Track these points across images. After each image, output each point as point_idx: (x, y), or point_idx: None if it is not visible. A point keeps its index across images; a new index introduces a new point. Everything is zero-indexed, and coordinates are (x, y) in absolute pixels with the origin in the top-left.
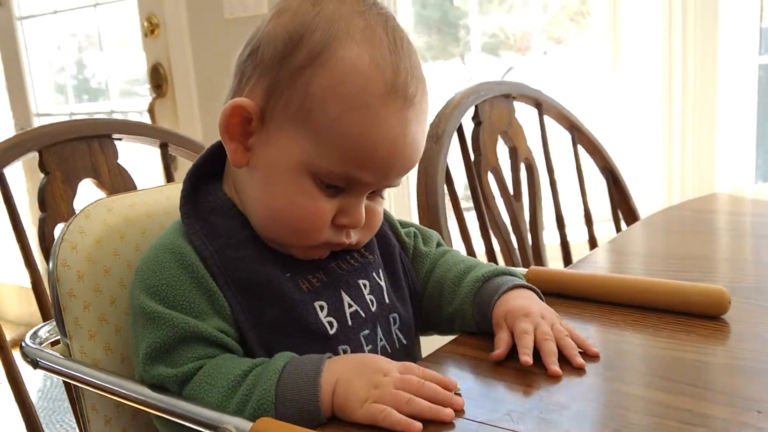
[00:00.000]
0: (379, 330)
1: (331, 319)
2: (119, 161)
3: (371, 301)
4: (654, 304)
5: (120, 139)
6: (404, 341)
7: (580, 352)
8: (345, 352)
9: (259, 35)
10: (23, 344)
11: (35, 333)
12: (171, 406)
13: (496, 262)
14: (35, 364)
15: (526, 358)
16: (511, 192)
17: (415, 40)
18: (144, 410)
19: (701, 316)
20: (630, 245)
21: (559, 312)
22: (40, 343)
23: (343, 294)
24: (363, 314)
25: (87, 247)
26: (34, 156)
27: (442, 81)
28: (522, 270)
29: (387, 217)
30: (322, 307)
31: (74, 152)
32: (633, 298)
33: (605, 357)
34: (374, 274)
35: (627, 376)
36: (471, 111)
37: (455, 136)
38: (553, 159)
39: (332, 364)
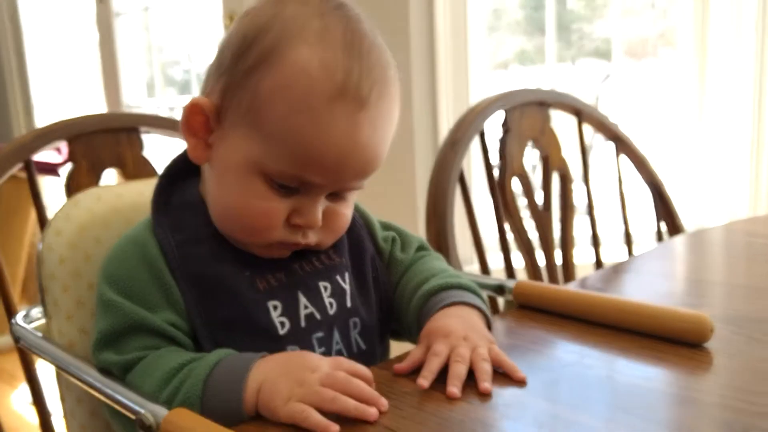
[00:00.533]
0: (336, 333)
1: (283, 319)
2: (144, 153)
3: (330, 304)
4: (632, 326)
5: (147, 132)
6: (363, 346)
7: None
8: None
9: (225, 37)
10: (12, 321)
11: (28, 312)
12: (105, 388)
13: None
14: (17, 341)
15: (422, 381)
16: (540, 204)
17: (525, 43)
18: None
19: (682, 343)
20: (645, 265)
21: (538, 327)
22: (30, 322)
23: (300, 295)
24: (318, 317)
25: (70, 233)
26: None
27: (555, 84)
28: (512, 282)
29: (366, 220)
30: (275, 307)
31: (101, 143)
32: (610, 318)
33: (559, 378)
34: (338, 277)
35: (574, 402)
36: (500, 119)
37: (478, 144)
38: (594, 172)
39: (262, 362)
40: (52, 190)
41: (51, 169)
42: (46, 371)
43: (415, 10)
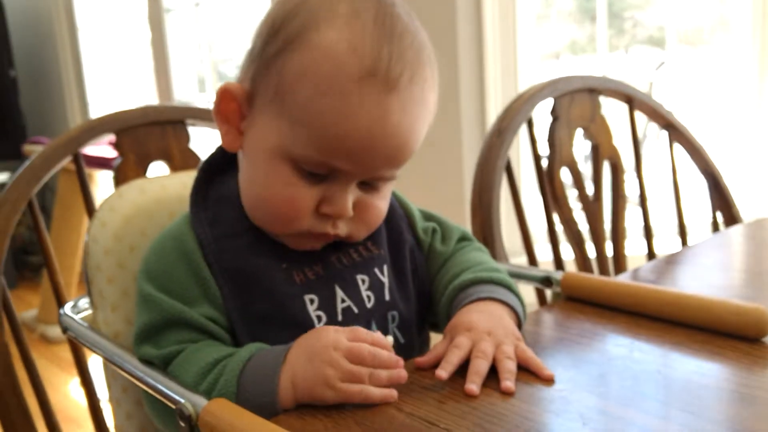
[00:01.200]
0: (373, 327)
1: (320, 313)
2: (190, 146)
3: (368, 297)
4: (684, 320)
5: (193, 125)
6: (402, 340)
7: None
8: None
9: (258, 24)
10: (61, 312)
11: (76, 303)
12: (146, 378)
13: (563, 270)
14: (64, 331)
15: (440, 372)
16: (591, 194)
17: (576, 32)
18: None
19: (738, 337)
20: (700, 256)
21: (586, 319)
22: (78, 313)
23: (338, 289)
24: (356, 310)
25: (115, 224)
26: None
27: (608, 73)
28: (560, 274)
29: (406, 210)
30: (312, 301)
31: (148, 136)
32: (661, 310)
33: (606, 372)
34: (376, 269)
35: (622, 396)
36: (548, 107)
37: (526, 133)
38: (646, 161)
39: (289, 355)
40: (107, 183)
41: (104, 163)
42: (96, 360)
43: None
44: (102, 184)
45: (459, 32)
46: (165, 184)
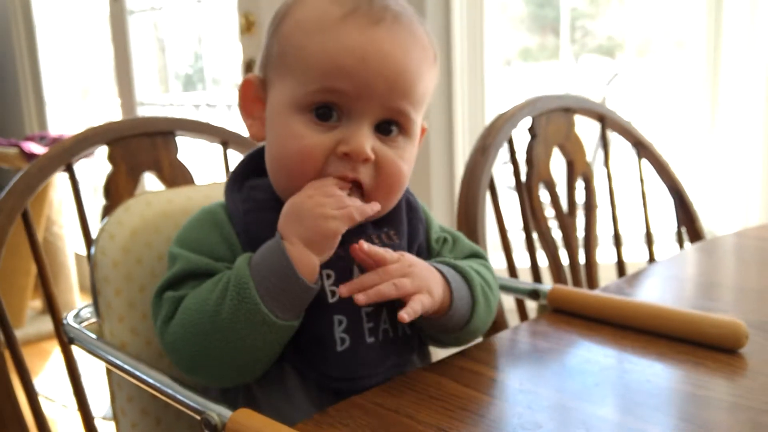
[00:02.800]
0: (384, 312)
1: (334, 288)
2: (179, 157)
3: None
4: (667, 332)
5: (182, 136)
6: (408, 331)
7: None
8: (341, 322)
9: None
10: (64, 322)
11: (78, 313)
12: (166, 389)
13: (540, 279)
14: (71, 341)
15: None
16: (565, 207)
17: (527, 40)
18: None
19: (717, 348)
20: (671, 269)
21: (574, 331)
22: (81, 322)
23: (356, 269)
24: None
25: (123, 237)
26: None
27: (552, 82)
28: (547, 287)
29: (427, 217)
30: (329, 276)
31: (139, 147)
32: (645, 324)
33: (600, 381)
34: None
35: (618, 404)
36: (526, 125)
37: (507, 150)
38: (617, 177)
39: (283, 231)
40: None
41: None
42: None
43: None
44: (60, 184)
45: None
46: (170, 198)
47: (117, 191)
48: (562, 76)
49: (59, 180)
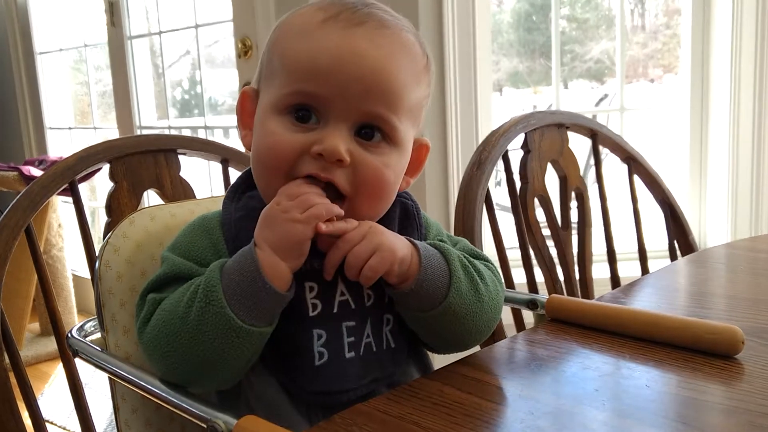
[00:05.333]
0: (368, 326)
1: (316, 301)
2: (181, 174)
3: (368, 295)
4: (664, 339)
5: (184, 154)
6: (393, 344)
7: None
8: (320, 336)
9: None
10: (68, 335)
11: (82, 326)
12: (172, 398)
13: (536, 293)
14: (75, 353)
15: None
16: (559, 222)
17: (517, 65)
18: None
19: (713, 354)
20: (666, 280)
21: (572, 339)
22: (85, 336)
23: (340, 282)
24: (353, 306)
25: (128, 250)
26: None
27: (542, 106)
28: (545, 297)
29: (427, 225)
30: (312, 288)
31: (141, 164)
32: (642, 331)
33: (600, 387)
34: None
35: (618, 409)
36: (520, 140)
37: (501, 165)
38: (609, 191)
39: (256, 237)
40: (65, 208)
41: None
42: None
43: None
44: (60, 207)
45: None
46: (174, 212)
47: (119, 208)
48: (551, 99)
49: (59, 203)
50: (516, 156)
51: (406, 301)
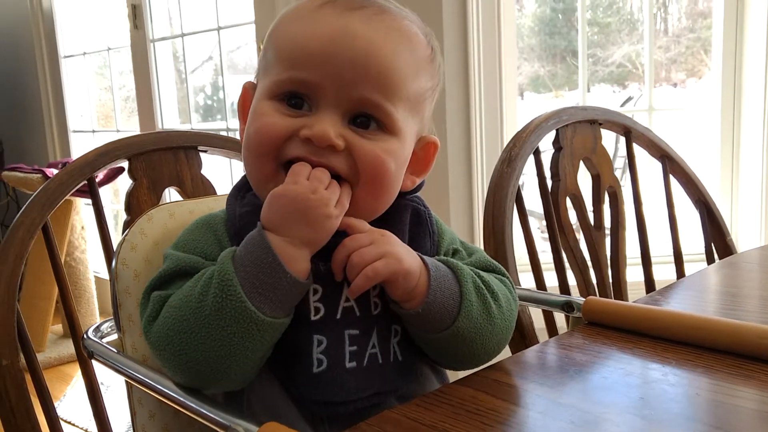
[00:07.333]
0: (374, 336)
1: (319, 305)
2: (202, 171)
3: (375, 304)
4: (712, 344)
5: (205, 151)
6: (400, 357)
7: None
8: (320, 342)
9: None
10: (84, 336)
11: (98, 327)
12: (189, 403)
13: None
14: (91, 355)
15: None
16: (592, 221)
17: (538, 70)
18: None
19: (766, 361)
20: (706, 282)
21: (612, 344)
22: (101, 337)
23: (345, 287)
24: (358, 313)
25: (145, 248)
26: None
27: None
28: (581, 299)
29: (439, 231)
30: (315, 291)
31: (161, 161)
32: (688, 335)
33: (645, 395)
34: None
35: (667, 419)
36: (551, 137)
37: (532, 161)
38: (643, 190)
39: (266, 222)
40: (87, 210)
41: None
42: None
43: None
44: (82, 210)
45: (446, 62)
46: (192, 209)
47: (138, 206)
48: (574, 103)
49: (82, 205)
50: (545, 155)
51: (413, 320)
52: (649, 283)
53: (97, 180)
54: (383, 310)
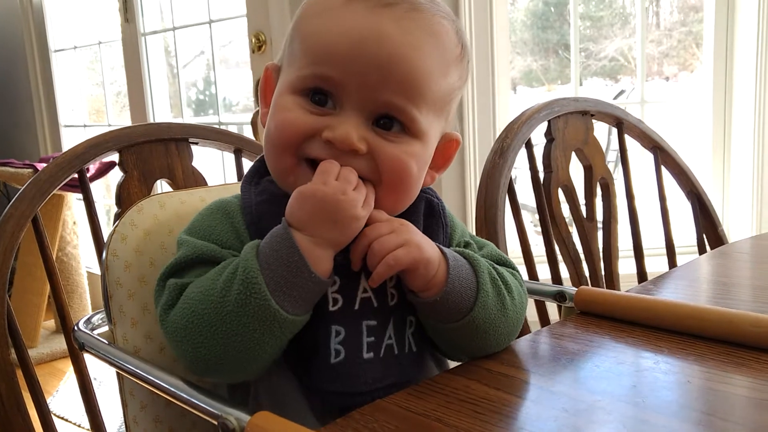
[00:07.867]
0: (390, 326)
1: (337, 296)
2: (193, 163)
3: (392, 294)
4: (704, 332)
5: (196, 143)
6: (414, 348)
7: None
8: (338, 333)
9: None
10: (75, 328)
11: (89, 319)
12: (181, 393)
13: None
14: (81, 347)
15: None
16: (584, 213)
17: (531, 64)
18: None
19: (758, 349)
20: (698, 271)
21: (604, 333)
22: (92, 329)
23: (363, 278)
24: (375, 303)
25: (136, 239)
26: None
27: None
28: (573, 288)
29: (452, 225)
30: (334, 282)
31: (152, 153)
32: (679, 324)
33: (637, 383)
34: None
35: (659, 406)
36: (543, 127)
37: (524, 153)
38: (635, 182)
39: (292, 220)
40: (77, 204)
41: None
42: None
43: None
44: (74, 205)
45: None
46: (183, 199)
47: (129, 198)
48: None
49: (74, 200)
50: (537, 147)
51: (429, 310)
52: (642, 275)
53: (88, 174)
54: (399, 300)
